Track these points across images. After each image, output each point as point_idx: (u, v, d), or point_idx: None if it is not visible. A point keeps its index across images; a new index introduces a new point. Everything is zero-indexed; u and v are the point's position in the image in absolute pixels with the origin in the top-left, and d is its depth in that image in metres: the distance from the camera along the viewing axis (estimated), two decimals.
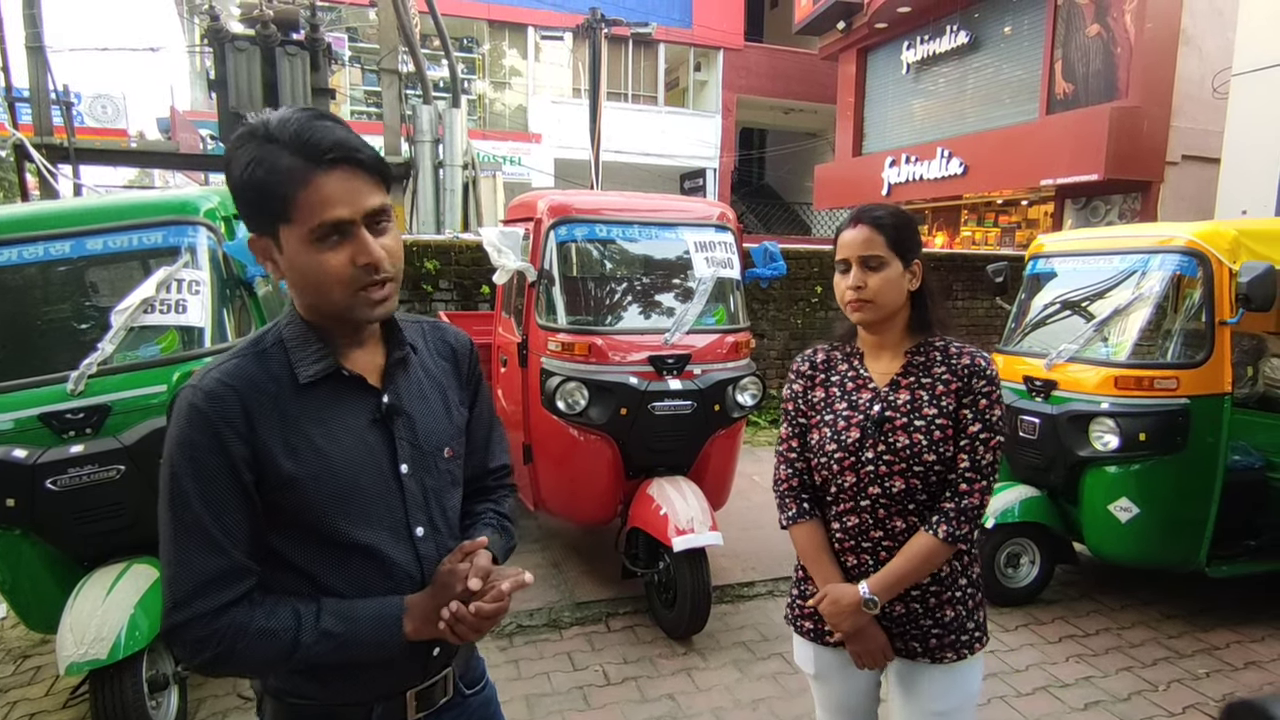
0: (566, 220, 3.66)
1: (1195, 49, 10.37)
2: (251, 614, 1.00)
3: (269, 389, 1.04)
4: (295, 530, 1.05)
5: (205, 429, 0.99)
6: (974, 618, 1.61)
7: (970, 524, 1.52)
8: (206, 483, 0.99)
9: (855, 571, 1.61)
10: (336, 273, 1.00)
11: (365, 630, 1.05)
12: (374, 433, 1.10)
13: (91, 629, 2.40)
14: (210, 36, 6.89)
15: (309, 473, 1.03)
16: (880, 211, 1.59)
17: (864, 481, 1.56)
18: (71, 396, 2.58)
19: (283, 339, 1.08)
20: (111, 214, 2.90)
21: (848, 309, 1.61)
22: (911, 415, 1.55)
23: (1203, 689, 3.06)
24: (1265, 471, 3.75)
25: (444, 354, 1.24)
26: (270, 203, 0.99)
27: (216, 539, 0.99)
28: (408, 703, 1.16)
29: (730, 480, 3.95)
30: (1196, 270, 3.45)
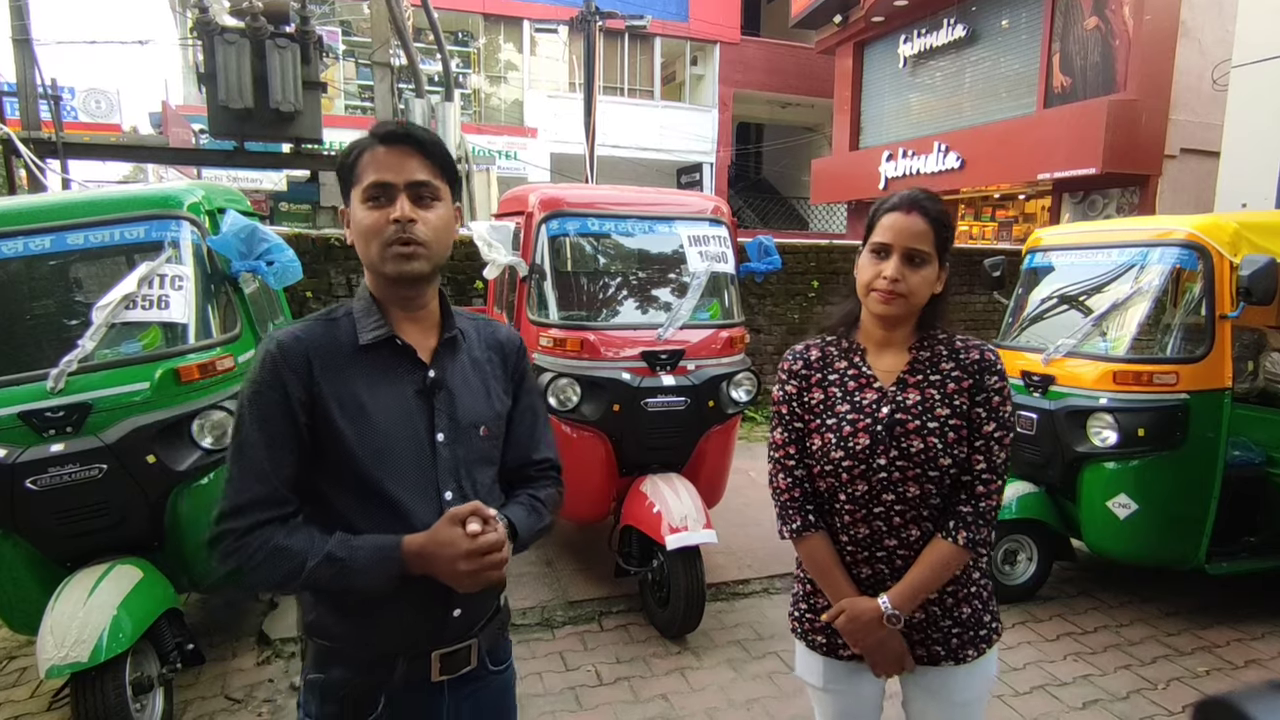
0: (558, 214, 3.61)
1: (1194, 41, 10.32)
2: (275, 534, 1.15)
3: (331, 348, 1.21)
4: (337, 476, 1.20)
5: (272, 372, 1.17)
6: (989, 609, 1.57)
7: (989, 527, 1.47)
8: (265, 418, 1.16)
9: (870, 582, 1.53)
10: (374, 226, 1.18)
11: (364, 558, 1.15)
12: (417, 402, 1.25)
13: (73, 631, 2.35)
14: (199, 29, 6.79)
15: (354, 426, 1.18)
16: (937, 204, 1.47)
17: (876, 489, 1.47)
18: (51, 394, 2.54)
19: (351, 310, 1.27)
20: (93, 208, 2.85)
21: (874, 298, 1.47)
22: (924, 417, 1.46)
23: (1202, 687, 3.03)
24: (1265, 468, 3.72)
25: (493, 347, 1.38)
26: (347, 172, 1.23)
27: (264, 468, 1.15)
28: (432, 662, 1.27)
29: (725, 477, 3.91)
30: (1197, 263, 3.42)
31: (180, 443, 2.69)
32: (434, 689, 1.28)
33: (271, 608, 3.54)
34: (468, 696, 1.33)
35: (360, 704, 1.24)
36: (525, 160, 18.96)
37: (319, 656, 1.27)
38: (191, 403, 2.72)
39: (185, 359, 2.76)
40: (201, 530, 2.78)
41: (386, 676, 1.24)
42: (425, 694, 1.28)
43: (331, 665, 1.25)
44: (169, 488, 2.69)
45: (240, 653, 3.20)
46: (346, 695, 1.24)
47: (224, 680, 3.00)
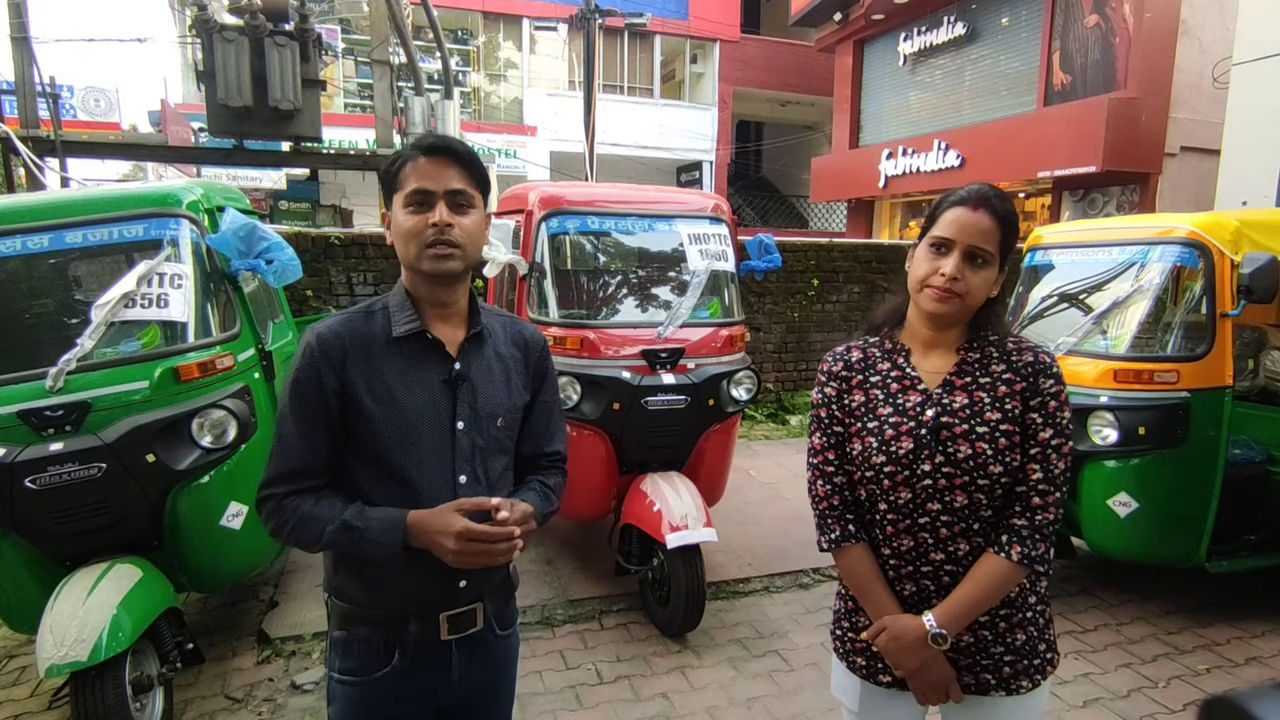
0: (558, 212, 3.60)
1: (1195, 39, 10.31)
2: (304, 502, 1.31)
3: (365, 339, 1.34)
4: (364, 456, 1.33)
5: (310, 362, 1.31)
6: (1045, 637, 1.45)
7: (1046, 542, 1.35)
8: (302, 403, 1.31)
9: (913, 600, 1.43)
10: (414, 228, 1.31)
11: (375, 527, 1.28)
12: (442, 391, 1.36)
13: (72, 630, 2.34)
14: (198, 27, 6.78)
15: (382, 409, 1.31)
16: (1005, 203, 1.38)
17: (921, 498, 1.38)
18: (50, 393, 2.53)
19: (388, 305, 1.38)
20: (92, 206, 2.84)
21: (928, 294, 1.38)
22: (972, 421, 1.37)
23: (1203, 685, 3.03)
24: (1266, 466, 3.71)
25: (518, 344, 1.49)
26: (390, 178, 1.35)
27: (300, 446, 1.31)
28: (441, 623, 1.39)
29: (725, 476, 3.90)
30: (1197, 261, 3.41)
31: (180, 442, 2.68)
32: (443, 647, 1.41)
33: (271, 607, 3.54)
34: (474, 655, 1.45)
35: (377, 658, 1.38)
36: (525, 158, 18.95)
37: (341, 616, 1.40)
38: (191, 401, 2.72)
39: (185, 358, 2.75)
40: (202, 529, 2.78)
41: (400, 634, 1.37)
42: (435, 651, 1.40)
43: (351, 624, 1.39)
44: (168, 487, 2.68)
45: (240, 652, 3.20)
46: (364, 650, 1.38)
47: (224, 679, 3.00)
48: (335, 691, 1.42)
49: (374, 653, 1.38)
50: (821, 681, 3.03)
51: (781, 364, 7.65)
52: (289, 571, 3.91)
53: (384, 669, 1.38)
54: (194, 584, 2.96)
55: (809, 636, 3.39)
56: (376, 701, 1.39)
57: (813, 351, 7.74)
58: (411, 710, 1.42)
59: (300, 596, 3.63)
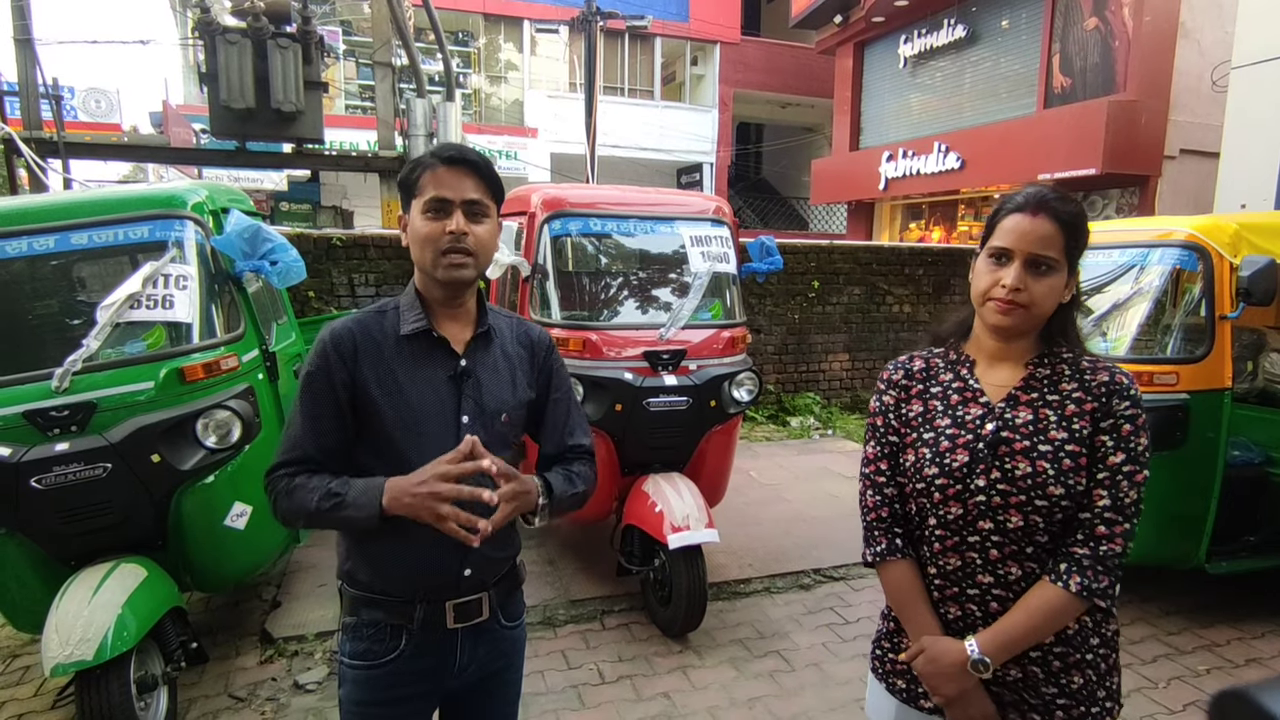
0: (560, 214, 3.62)
1: (1194, 42, 10.33)
2: (298, 477, 1.36)
3: (377, 336, 1.41)
4: (375, 447, 1.39)
5: (323, 356, 1.38)
6: (1106, 684, 1.33)
7: (1110, 575, 1.25)
8: (311, 396, 1.38)
9: (958, 624, 1.35)
10: (431, 236, 1.37)
11: (355, 493, 1.32)
12: (447, 386, 1.42)
13: (77, 630, 2.35)
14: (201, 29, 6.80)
15: (390, 403, 1.37)
16: (1068, 204, 1.30)
17: (972, 515, 1.30)
18: (56, 394, 2.54)
19: (399, 304, 1.45)
20: (97, 208, 2.85)
21: (990, 307, 1.31)
22: (1035, 438, 1.29)
23: (1203, 686, 3.04)
24: (1265, 467, 3.73)
25: (524, 343, 1.54)
26: (409, 186, 1.41)
27: (307, 432, 1.38)
28: (447, 611, 1.43)
29: (726, 477, 3.91)
30: (1197, 264, 3.42)
31: (184, 442, 2.69)
32: (449, 634, 1.45)
33: (274, 607, 3.55)
34: (480, 644, 1.49)
35: (385, 642, 1.42)
36: (526, 160, 18.98)
37: (351, 602, 1.45)
38: (196, 402, 2.73)
39: (189, 358, 2.77)
40: (206, 529, 2.80)
41: (407, 619, 1.42)
42: (442, 638, 1.45)
43: (360, 609, 1.44)
44: (173, 487, 2.70)
45: (243, 651, 3.21)
46: (374, 634, 1.43)
47: (227, 679, 3.01)
48: (345, 675, 1.46)
49: (382, 637, 1.42)
50: (823, 682, 3.04)
51: (782, 365, 7.66)
52: (292, 572, 3.92)
53: (392, 655, 1.42)
54: (198, 584, 2.97)
55: (810, 637, 3.40)
56: (385, 685, 1.44)
57: (813, 353, 7.75)
58: (419, 693, 1.47)
59: (303, 596, 3.64)
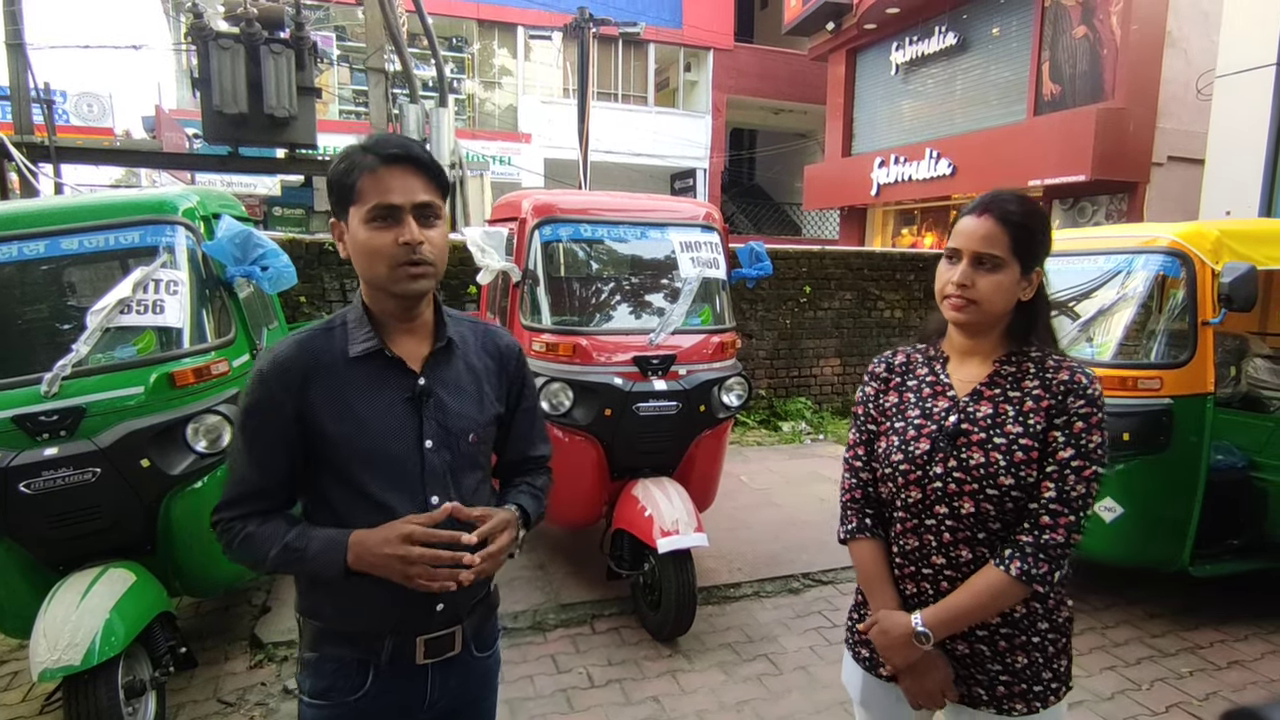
0: (551, 220, 3.64)
1: (1180, 51, 10.44)
2: (250, 524, 1.27)
3: (323, 359, 1.27)
4: (333, 478, 1.28)
5: (263, 388, 1.25)
6: (1053, 666, 1.42)
7: (1051, 563, 1.32)
8: (255, 431, 1.26)
9: (914, 600, 1.45)
10: (382, 248, 1.22)
11: (315, 549, 1.23)
12: (406, 409, 1.29)
13: (65, 635, 2.35)
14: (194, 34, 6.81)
15: (345, 432, 1.25)
16: (1013, 205, 1.38)
17: (930, 500, 1.40)
18: (45, 398, 2.54)
19: (346, 321, 1.31)
20: (88, 213, 2.86)
21: (945, 305, 1.42)
22: (991, 431, 1.37)
23: (1186, 688, 3.07)
24: (1248, 471, 3.77)
25: (491, 353, 1.42)
26: (345, 189, 1.24)
27: (251, 470, 1.27)
28: (417, 646, 1.33)
29: (716, 481, 3.93)
30: (1180, 271, 3.47)
31: (174, 447, 2.70)
32: (419, 669, 1.35)
33: (264, 612, 3.55)
34: (451, 676, 1.39)
35: (350, 679, 1.32)
36: (519, 165, 19.01)
37: (313, 636, 1.35)
38: (186, 407, 2.74)
39: (180, 363, 2.78)
40: (195, 534, 2.80)
41: (374, 656, 1.32)
42: (410, 674, 1.35)
43: (323, 644, 1.34)
44: (163, 491, 2.70)
45: (233, 656, 3.21)
46: (337, 671, 1.33)
47: (216, 684, 3.01)
48: (305, 714, 1.35)
49: (347, 673, 1.32)
50: (810, 685, 3.06)
51: (774, 370, 7.69)
52: (282, 577, 3.92)
53: (357, 693, 1.32)
54: (187, 588, 2.97)
55: (798, 641, 3.42)
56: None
57: (805, 358, 7.79)
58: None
59: (293, 602, 3.63)
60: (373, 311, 1.31)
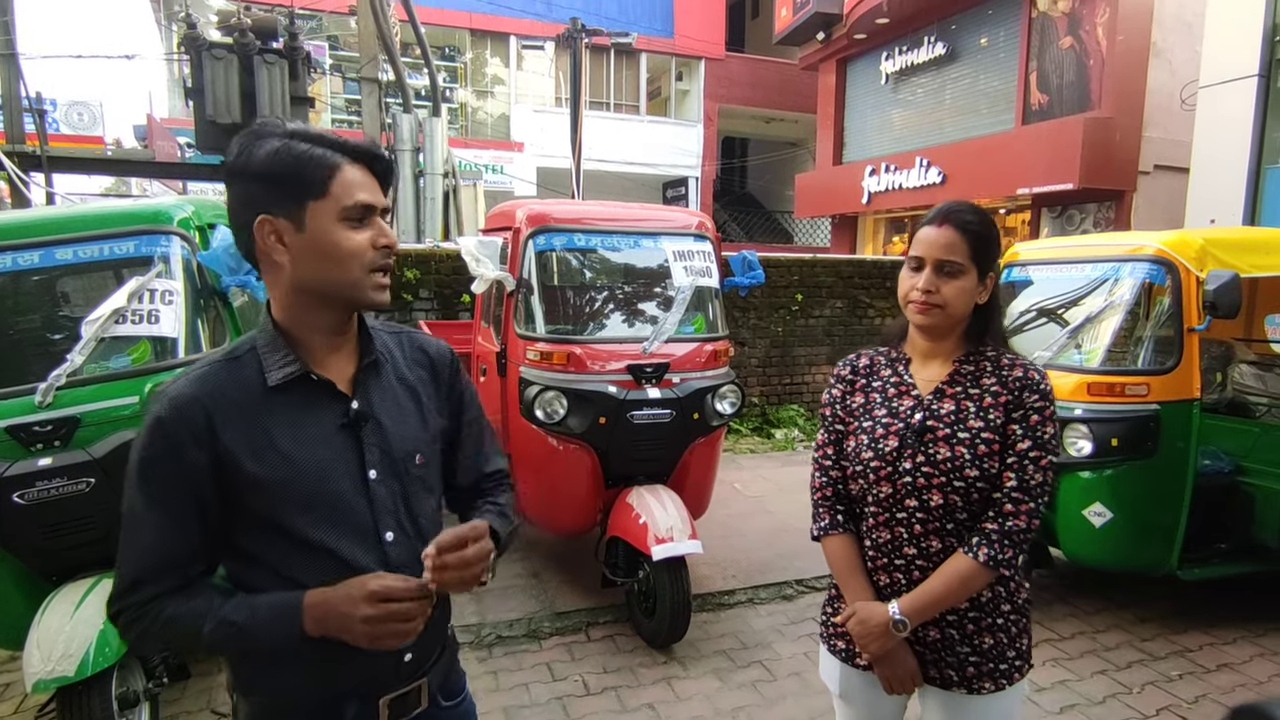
0: (545, 229, 3.67)
1: (1165, 61, 10.59)
2: (169, 604, 1.05)
3: (235, 395, 1.07)
4: (265, 529, 1.08)
5: (164, 439, 1.05)
6: (1016, 645, 1.52)
7: (1015, 548, 1.42)
8: (158, 492, 1.05)
9: (887, 591, 1.53)
10: (357, 249, 1.08)
11: (263, 620, 1.05)
12: (342, 438, 1.13)
13: (59, 645, 2.35)
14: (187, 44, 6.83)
15: (275, 475, 1.07)
16: (970, 216, 1.49)
17: (900, 494, 1.48)
18: (39, 408, 2.54)
19: (255, 345, 1.12)
20: (83, 223, 2.86)
21: (911, 309, 1.50)
22: (955, 426, 1.46)
23: (1176, 691, 3.10)
24: (1235, 475, 3.82)
25: (421, 363, 1.26)
26: (304, 180, 1.06)
27: (158, 539, 1.05)
28: (380, 711, 1.16)
29: (710, 488, 3.95)
30: (1165, 278, 3.52)
31: None
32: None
33: None
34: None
35: None
36: (512, 174, 19.05)
37: (256, 715, 1.17)
38: None
39: (174, 373, 2.77)
40: None
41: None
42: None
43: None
44: None
45: (226, 667, 3.19)
46: None
47: (209, 695, 3.00)
48: None
49: None
50: (804, 691, 3.08)
51: (766, 378, 7.73)
52: None
53: None
54: None
55: (793, 647, 3.43)
56: None
57: (797, 366, 7.83)
58: None
59: None
60: (288, 330, 1.13)
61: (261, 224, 1.08)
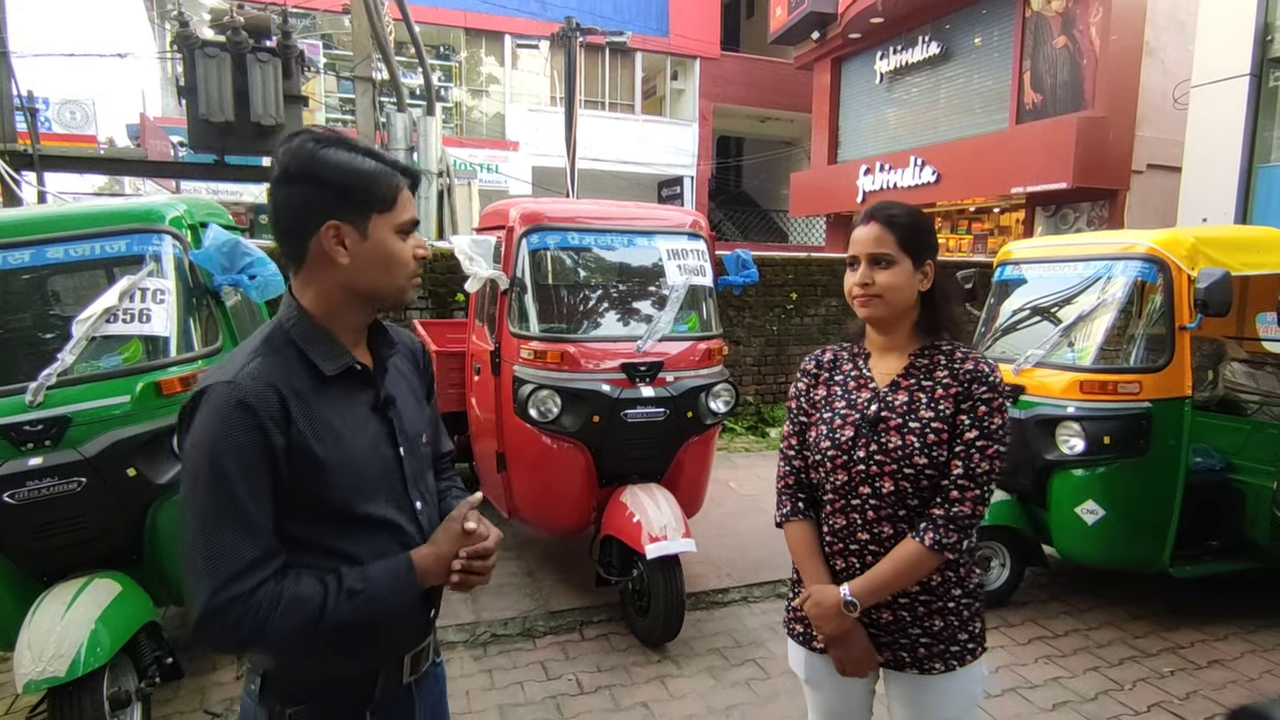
0: (538, 228, 3.66)
1: (1158, 60, 10.62)
2: (282, 586, 1.08)
3: (296, 383, 1.15)
4: (318, 512, 1.16)
5: (250, 421, 1.08)
6: (968, 628, 1.57)
7: (960, 533, 1.48)
8: (249, 471, 1.08)
9: (843, 575, 1.58)
10: (405, 258, 1.23)
11: (382, 584, 1.15)
12: (375, 420, 1.26)
13: (50, 646, 2.34)
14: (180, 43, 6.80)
15: (335, 457, 1.16)
16: (895, 210, 1.56)
17: (855, 481, 1.55)
18: (30, 408, 2.53)
19: (292, 339, 1.19)
20: (74, 222, 2.86)
21: (855, 304, 1.59)
22: (907, 417, 1.53)
23: (1167, 687, 3.11)
24: (1226, 473, 3.84)
25: (407, 356, 1.40)
26: (375, 195, 1.18)
27: (255, 524, 1.08)
28: (404, 666, 1.29)
29: (704, 487, 3.96)
30: (1157, 277, 3.53)
31: (161, 456, 2.69)
32: (405, 691, 1.31)
33: None
34: (424, 688, 1.37)
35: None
36: (507, 173, 19.00)
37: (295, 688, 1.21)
38: (173, 416, 2.70)
39: (167, 372, 2.77)
40: None
41: (369, 692, 1.25)
42: (399, 697, 1.30)
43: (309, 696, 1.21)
44: (149, 501, 2.69)
45: (220, 666, 3.19)
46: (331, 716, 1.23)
47: (203, 694, 2.99)
48: None
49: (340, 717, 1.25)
50: (798, 689, 3.06)
51: (761, 377, 7.74)
52: None
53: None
54: (174, 598, 2.96)
55: (786, 645, 3.43)
56: None
57: (792, 364, 7.83)
58: None
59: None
60: (325, 325, 1.21)
61: (330, 228, 1.16)
